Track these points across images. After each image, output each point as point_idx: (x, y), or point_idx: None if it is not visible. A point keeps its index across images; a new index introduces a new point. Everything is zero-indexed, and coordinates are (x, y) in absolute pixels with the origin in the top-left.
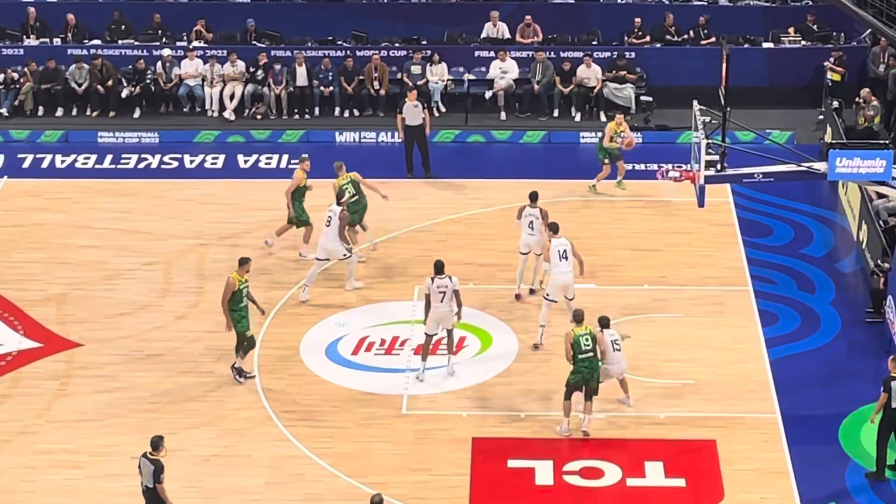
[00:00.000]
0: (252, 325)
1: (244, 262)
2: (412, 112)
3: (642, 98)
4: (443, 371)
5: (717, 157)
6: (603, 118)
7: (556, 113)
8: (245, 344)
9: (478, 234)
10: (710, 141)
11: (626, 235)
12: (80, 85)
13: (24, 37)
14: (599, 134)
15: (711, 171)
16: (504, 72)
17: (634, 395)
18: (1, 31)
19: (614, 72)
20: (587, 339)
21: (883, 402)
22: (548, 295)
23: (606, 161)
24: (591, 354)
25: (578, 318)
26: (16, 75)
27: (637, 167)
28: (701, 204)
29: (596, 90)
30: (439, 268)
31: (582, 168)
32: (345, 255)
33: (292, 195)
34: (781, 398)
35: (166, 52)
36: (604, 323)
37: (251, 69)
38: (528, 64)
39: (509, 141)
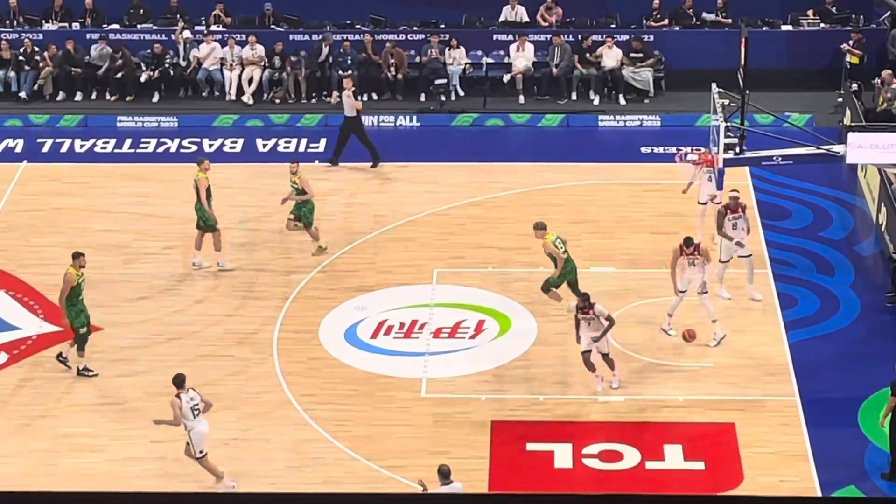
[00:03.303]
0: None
1: (78, 255)
2: (346, 102)
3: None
4: (461, 354)
5: (735, 140)
6: (622, 101)
7: (574, 96)
8: (81, 339)
9: (496, 218)
10: (728, 124)
11: (644, 219)
12: (100, 67)
13: (44, 21)
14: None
15: (730, 154)
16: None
17: (655, 380)
18: (21, 15)
19: (630, 54)
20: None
21: (892, 405)
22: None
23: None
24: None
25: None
26: (37, 48)
27: (656, 150)
28: (720, 187)
29: (613, 71)
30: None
31: (601, 151)
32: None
33: (201, 199)
34: (800, 381)
35: (186, 34)
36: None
37: (272, 56)
38: (546, 48)
39: (528, 124)
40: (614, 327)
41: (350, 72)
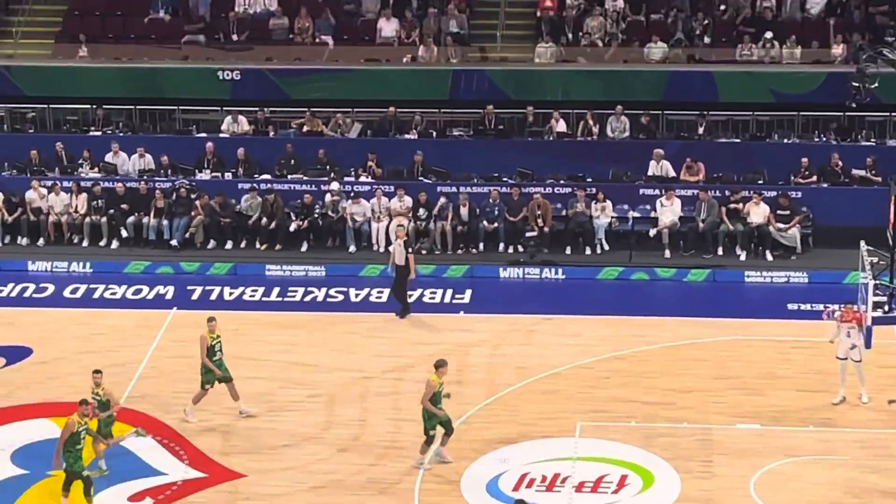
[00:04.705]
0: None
1: (84, 402)
2: (397, 251)
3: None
4: None
5: (884, 299)
6: (769, 257)
7: (720, 251)
8: (83, 484)
9: (641, 372)
10: (877, 282)
11: (790, 376)
12: (250, 216)
13: (197, 171)
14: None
15: (879, 313)
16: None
17: None
18: (173, 166)
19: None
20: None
21: None
22: None
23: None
24: None
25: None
26: (193, 195)
27: (803, 307)
28: (868, 345)
29: (760, 227)
30: None
31: (747, 307)
32: None
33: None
34: None
35: (334, 185)
36: None
37: (417, 208)
38: (692, 202)
39: (673, 279)
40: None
41: (404, 223)
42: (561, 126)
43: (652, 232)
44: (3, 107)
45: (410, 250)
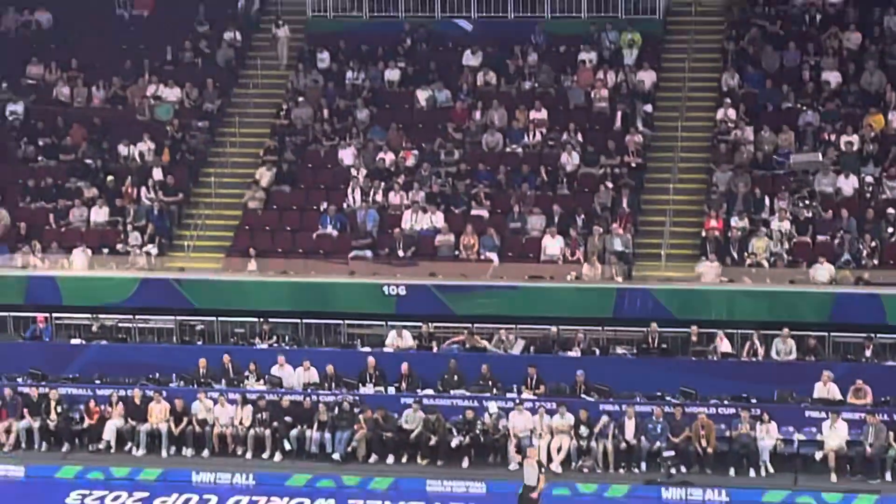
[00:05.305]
0: None
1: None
2: (528, 470)
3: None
4: None
5: None
6: None
7: (888, 476)
8: None
9: None
10: None
11: None
12: (412, 431)
13: (360, 385)
14: None
15: None
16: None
17: None
18: (337, 379)
19: None
20: None
21: None
22: None
23: None
24: None
25: None
26: (356, 409)
27: None
28: None
29: None
30: None
31: None
32: None
33: None
34: None
35: (493, 407)
36: None
37: (578, 425)
38: (859, 426)
39: None
40: None
41: (532, 443)
42: (725, 346)
43: (818, 455)
44: (173, 319)
45: (542, 470)
